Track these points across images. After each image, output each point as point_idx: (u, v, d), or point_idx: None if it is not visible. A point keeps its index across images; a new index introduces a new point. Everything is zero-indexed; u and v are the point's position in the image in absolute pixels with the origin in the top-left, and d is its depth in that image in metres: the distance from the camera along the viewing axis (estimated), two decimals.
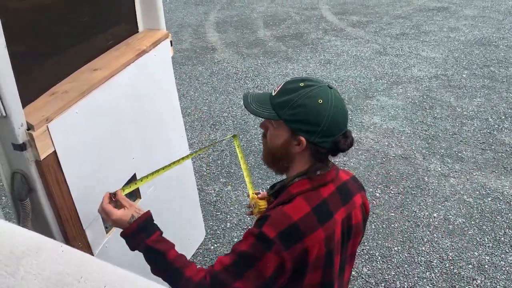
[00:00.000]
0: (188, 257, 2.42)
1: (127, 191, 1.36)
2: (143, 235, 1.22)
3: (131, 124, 1.65)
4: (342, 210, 1.20)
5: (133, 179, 1.73)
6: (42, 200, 1.34)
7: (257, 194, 1.49)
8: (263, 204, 1.40)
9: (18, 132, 1.19)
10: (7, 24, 1.09)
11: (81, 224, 1.47)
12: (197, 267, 1.20)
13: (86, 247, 1.52)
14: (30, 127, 1.23)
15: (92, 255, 1.52)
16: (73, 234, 1.44)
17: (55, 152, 1.31)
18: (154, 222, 1.28)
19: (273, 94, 1.16)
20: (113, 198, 1.30)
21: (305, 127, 1.12)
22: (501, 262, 2.67)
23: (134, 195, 1.78)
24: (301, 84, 1.13)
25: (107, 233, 1.64)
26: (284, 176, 1.27)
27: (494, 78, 4.73)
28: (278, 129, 1.16)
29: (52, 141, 1.29)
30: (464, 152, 3.63)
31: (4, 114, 1.14)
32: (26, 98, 1.29)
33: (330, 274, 1.21)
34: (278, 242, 1.09)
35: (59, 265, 0.73)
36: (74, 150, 1.39)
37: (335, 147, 1.14)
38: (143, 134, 1.74)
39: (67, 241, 1.43)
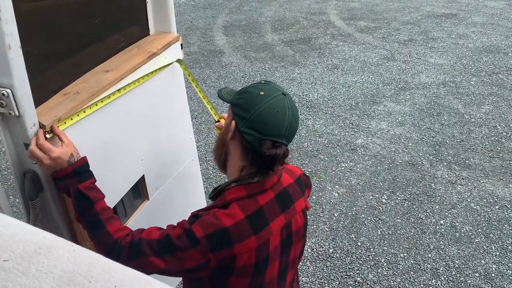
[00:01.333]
0: None
1: (69, 123, 1.27)
2: (75, 179, 1.19)
3: (140, 125, 1.66)
4: (280, 218, 1.19)
5: (141, 180, 1.74)
6: (51, 200, 1.35)
7: (220, 119, 1.59)
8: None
9: (30, 132, 1.20)
10: (21, 25, 1.11)
11: None
12: (122, 225, 1.21)
13: (94, 248, 1.53)
14: (42, 127, 1.24)
15: None
16: (82, 235, 1.44)
17: None
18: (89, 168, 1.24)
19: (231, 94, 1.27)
20: (46, 136, 1.20)
21: (239, 112, 1.15)
22: (508, 271, 2.64)
23: (142, 197, 1.79)
24: (261, 93, 1.16)
25: None
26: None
27: (503, 86, 4.71)
28: (228, 117, 1.22)
29: None
30: (471, 159, 3.61)
31: (17, 113, 1.15)
32: (39, 98, 1.30)
33: (259, 281, 1.20)
34: (204, 243, 1.09)
35: (70, 264, 0.74)
36: (84, 151, 1.40)
37: (259, 149, 1.12)
38: (152, 136, 1.75)
39: (76, 241, 1.43)
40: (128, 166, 1.64)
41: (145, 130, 1.70)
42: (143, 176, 1.72)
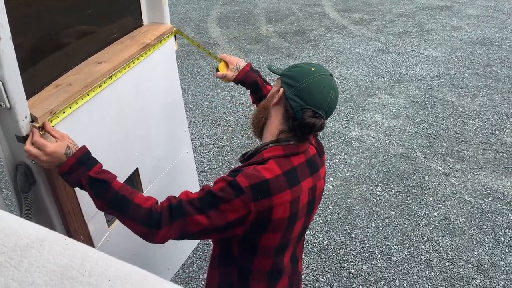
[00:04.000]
0: (190, 250, 2.42)
1: (62, 117, 1.26)
2: (83, 168, 1.18)
3: (134, 118, 1.65)
4: (309, 180, 1.29)
5: (135, 173, 1.73)
6: (44, 193, 1.34)
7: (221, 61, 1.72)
8: (222, 66, 1.69)
9: (22, 124, 1.18)
10: (12, 16, 1.08)
11: (83, 218, 1.47)
12: (146, 196, 1.23)
13: (88, 241, 1.52)
14: (34, 119, 1.22)
15: (94, 248, 1.52)
16: (75, 227, 1.44)
17: None
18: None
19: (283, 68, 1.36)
20: (40, 132, 1.19)
21: (288, 81, 1.26)
22: (501, 262, 2.67)
23: (137, 189, 1.78)
24: (312, 69, 1.27)
25: (109, 226, 1.64)
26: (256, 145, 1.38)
27: (497, 78, 4.72)
28: (275, 86, 1.33)
29: None
30: (465, 151, 3.63)
31: (8, 105, 1.14)
32: (30, 90, 1.28)
33: (288, 237, 1.29)
34: (248, 192, 1.15)
35: (63, 258, 0.73)
36: (78, 143, 1.39)
37: (301, 117, 1.23)
38: (146, 129, 1.74)
39: (69, 234, 1.42)
40: (122, 159, 1.63)
41: (139, 122, 1.68)
42: (137, 168, 1.71)
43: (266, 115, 1.33)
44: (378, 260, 2.71)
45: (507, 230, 2.88)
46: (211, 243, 3.00)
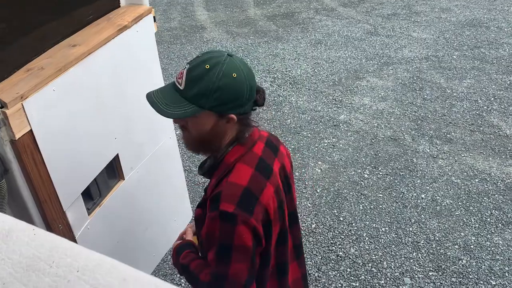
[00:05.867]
0: (175, 237, 2.40)
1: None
2: (178, 257, 1.33)
3: (112, 103, 1.60)
4: (276, 162, 1.26)
5: (115, 159, 1.69)
6: (18, 181, 1.30)
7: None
8: (195, 239, 1.46)
9: None
10: None
11: (61, 206, 1.43)
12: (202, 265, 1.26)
13: (67, 230, 1.48)
14: (3, 105, 1.18)
15: (74, 237, 1.49)
16: (53, 216, 1.40)
17: (31, 131, 1.26)
18: (191, 244, 1.37)
19: (181, 87, 1.09)
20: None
21: (231, 105, 1.11)
22: (487, 242, 2.69)
23: (117, 177, 1.74)
24: (207, 67, 1.08)
25: (89, 214, 1.60)
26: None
27: (484, 60, 4.71)
28: (201, 118, 1.13)
29: (27, 120, 1.24)
30: (453, 133, 3.63)
31: None
32: (0, 74, 1.23)
33: (284, 224, 1.27)
34: (240, 213, 1.10)
35: (30, 249, 0.70)
36: (52, 130, 1.34)
37: (255, 105, 1.18)
38: (126, 114, 1.69)
39: (47, 223, 1.39)
40: (100, 144, 1.59)
41: (118, 108, 1.64)
42: (117, 155, 1.67)
43: (219, 139, 1.19)
44: (366, 243, 2.72)
45: (493, 211, 2.90)
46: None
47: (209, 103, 1.08)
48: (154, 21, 1.74)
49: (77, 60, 1.38)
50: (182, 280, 2.58)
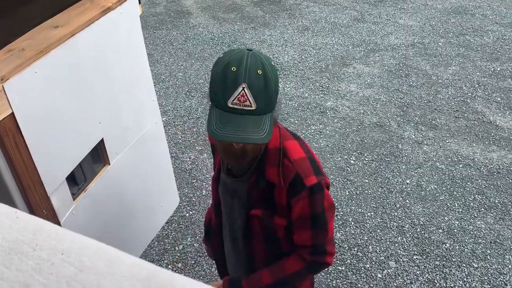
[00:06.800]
0: (162, 223, 2.40)
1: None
2: None
3: (97, 86, 1.57)
4: None
5: (100, 144, 1.66)
6: (1, 166, 1.27)
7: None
8: None
9: None
10: None
11: (45, 191, 1.41)
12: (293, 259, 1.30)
13: (52, 215, 1.46)
14: None
15: (59, 222, 1.47)
16: (37, 201, 1.38)
17: (12, 114, 1.23)
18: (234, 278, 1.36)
19: (253, 107, 1.03)
20: None
21: (275, 103, 1.11)
22: (470, 226, 2.74)
23: (102, 162, 1.72)
24: (259, 72, 1.02)
25: (74, 200, 1.58)
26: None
27: (469, 47, 4.75)
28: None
29: (9, 102, 1.20)
30: (438, 119, 3.67)
31: None
32: None
33: None
34: (321, 178, 1.18)
35: (13, 232, 0.68)
36: (35, 113, 1.31)
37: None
38: (111, 97, 1.66)
39: (30, 208, 1.37)
40: (85, 128, 1.56)
41: (102, 91, 1.61)
42: (102, 139, 1.65)
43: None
44: (351, 227, 2.75)
45: (476, 195, 2.95)
46: (186, 213, 2.98)
47: (274, 103, 1.08)
48: (139, 3, 1.71)
49: (59, 42, 1.34)
50: (170, 266, 2.58)
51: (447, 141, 3.43)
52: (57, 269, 0.63)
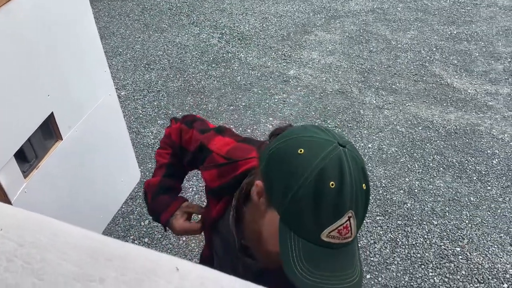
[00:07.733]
0: (124, 198, 2.34)
1: None
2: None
3: (42, 56, 1.48)
4: None
5: (50, 118, 1.58)
6: None
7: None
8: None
9: None
10: None
11: None
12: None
13: (1, 194, 1.39)
14: None
15: (9, 201, 1.40)
16: None
17: None
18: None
19: (351, 238, 0.73)
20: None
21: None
22: (429, 186, 2.83)
23: (54, 137, 1.64)
24: (364, 187, 0.73)
25: (25, 178, 1.51)
26: None
27: (427, 11, 4.81)
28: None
29: None
30: (397, 84, 3.72)
31: None
32: None
33: None
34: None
35: None
36: None
37: None
38: (58, 68, 1.57)
39: None
40: (32, 101, 1.47)
41: (48, 61, 1.51)
42: (52, 113, 1.56)
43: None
44: None
45: (435, 156, 3.05)
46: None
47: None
48: None
49: None
50: (136, 242, 2.54)
51: (407, 104, 3.50)
52: None
